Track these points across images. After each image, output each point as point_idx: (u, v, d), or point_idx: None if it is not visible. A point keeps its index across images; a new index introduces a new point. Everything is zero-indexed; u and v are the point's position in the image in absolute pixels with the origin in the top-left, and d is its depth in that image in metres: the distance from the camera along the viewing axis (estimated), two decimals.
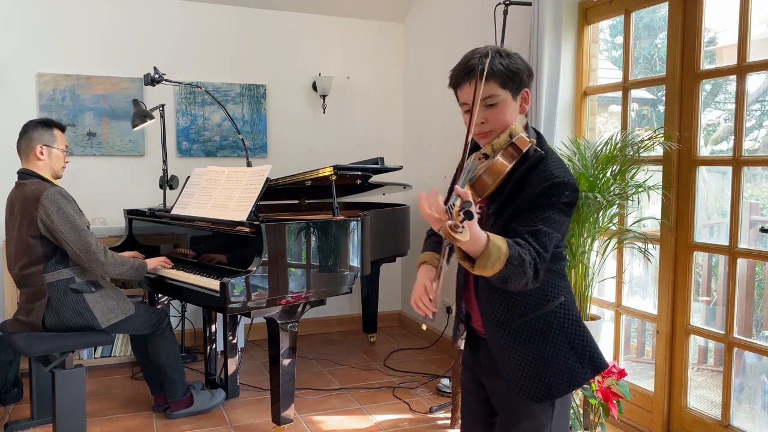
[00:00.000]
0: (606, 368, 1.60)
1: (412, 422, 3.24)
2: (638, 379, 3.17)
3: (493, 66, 1.48)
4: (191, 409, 3.26)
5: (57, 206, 2.80)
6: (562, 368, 1.54)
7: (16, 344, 2.80)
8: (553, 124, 3.18)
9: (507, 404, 1.63)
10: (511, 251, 1.34)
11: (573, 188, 1.47)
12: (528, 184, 1.46)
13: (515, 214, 1.47)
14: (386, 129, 5.06)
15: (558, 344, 1.54)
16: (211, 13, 4.49)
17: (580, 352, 1.56)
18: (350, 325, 5.01)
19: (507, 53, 1.52)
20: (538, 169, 1.48)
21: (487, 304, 1.58)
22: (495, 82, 1.49)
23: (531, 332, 1.54)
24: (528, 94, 1.56)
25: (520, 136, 1.47)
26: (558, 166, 1.49)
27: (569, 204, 1.47)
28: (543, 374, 1.53)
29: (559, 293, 1.57)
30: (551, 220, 1.44)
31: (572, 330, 1.56)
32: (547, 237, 1.43)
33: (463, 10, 4.15)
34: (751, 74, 2.58)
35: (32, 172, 2.93)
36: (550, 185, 1.44)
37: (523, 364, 1.54)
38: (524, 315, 1.54)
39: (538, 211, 1.44)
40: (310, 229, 2.96)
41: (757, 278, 3.07)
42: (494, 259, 1.32)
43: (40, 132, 2.95)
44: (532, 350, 1.54)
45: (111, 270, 2.89)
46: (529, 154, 1.49)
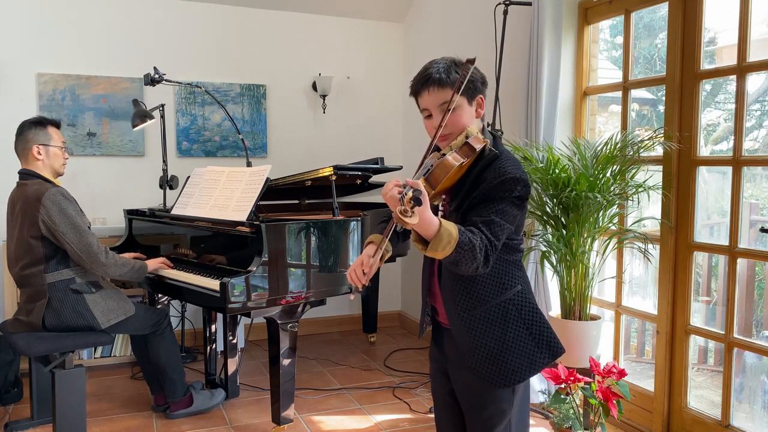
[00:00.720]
0: (563, 353, 1.71)
1: (412, 422, 3.24)
2: (638, 379, 3.17)
3: (449, 74, 1.63)
4: (191, 409, 3.26)
5: (58, 207, 2.80)
6: (522, 354, 1.66)
7: (16, 344, 2.80)
8: (553, 124, 3.18)
9: (471, 393, 1.73)
10: (461, 237, 1.47)
11: (524, 183, 1.59)
12: (483, 180, 1.59)
13: (471, 206, 1.60)
14: (386, 129, 5.06)
15: (517, 330, 1.66)
16: (211, 13, 4.49)
17: (538, 337, 1.68)
18: (350, 325, 5.01)
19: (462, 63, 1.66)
20: (492, 166, 1.61)
21: (450, 294, 1.69)
22: (451, 88, 1.61)
23: (491, 320, 1.66)
24: (483, 100, 1.69)
25: (474, 137, 1.60)
26: (511, 164, 1.61)
27: (521, 198, 1.60)
28: (504, 360, 1.64)
29: (516, 282, 1.68)
30: (504, 212, 1.57)
31: (530, 317, 1.68)
32: (499, 227, 1.55)
33: (463, 10, 4.15)
34: (751, 74, 2.58)
35: (33, 172, 2.93)
36: (503, 180, 1.57)
37: (486, 351, 1.65)
38: (484, 303, 1.65)
39: (491, 204, 1.57)
40: (310, 229, 2.96)
41: (757, 278, 3.07)
42: (445, 242, 1.45)
43: (35, 132, 2.92)
44: (493, 337, 1.65)
45: (112, 271, 2.90)
46: (484, 154, 1.63)
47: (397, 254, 4.17)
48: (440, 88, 1.63)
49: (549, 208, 2.91)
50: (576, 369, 2.67)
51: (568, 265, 2.85)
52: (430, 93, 1.64)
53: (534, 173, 2.85)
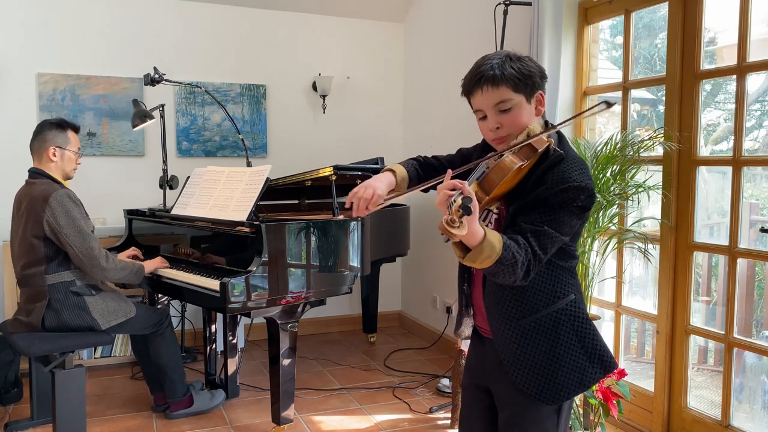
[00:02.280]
0: (615, 368, 1.58)
1: (412, 422, 3.24)
2: (638, 379, 3.17)
3: (503, 71, 1.47)
4: (191, 410, 3.26)
5: (64, 209, 2.81)
6: (572, 368, 1.52)
7: (17, 344, 2.80)
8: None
9: (513, 409, 1.59)
10: (504, 253, 1.35)
11: (589, 193, 1.45)
12: (543, 182, 1.45)
13: (524, 207, 1.46)
14: (386, 129, 5.06)
15: (569, 343, 1.52)
16: (211, 13, 4.49)
17: (591, 351, 1.54)
18: (350, 325, 5.01)
19: (518, 57, 1.51)
20: (556, 169, 1.46)
21: (495, 302, 1.55)
22: (507, 87, 1.48)
23: (540, 331, 1.51)
24: (542, 96, 1.55)
25: (536, 136, 1.46)
26: (577, 169, 1.46)
27: (583, 208, 1.46)
28: (554, 375, 1.51)
29: (570, 290, 1.55)
30: (560, 222, 1.43)
31: (582, 328, 1.54)
32: (549, 239, 1.42)
33: (463, 10, 4.15)
34: (751, 74, 2.58)
35: (43, 172, 2.95)
36: (566, 188, 1.43)
37: (533, 365, 1.51)
38: (534, 312, 1.51)
39: (547, 211, 1.43)
40: (310, 229, 2.96)
41: (757, 278, 3.07)
42: (485, 256, 1.34)
43: (54, 133, 2.95)
44: (542, 350, 1.51)
45: (111, 275, 2.91)
46: (548, 155, 1.48)
47: (397, 254, 4.17)
48: (494, 86, 1.48)
49: None
50: None
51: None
52: (484, 92, 1.49)
53: None
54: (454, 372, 3.22)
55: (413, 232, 4.35)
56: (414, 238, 4.37)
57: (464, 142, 1.87)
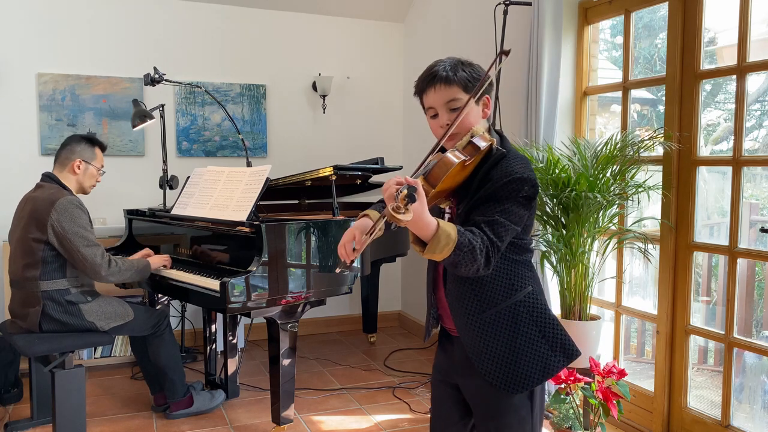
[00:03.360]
0: (578, 355, 1.64)
1: (412, 422, 3.24)
2: (638, 379, 3.17)
3: (456, 72, 1.58)
4: (191, 410, 3.26)
5: (70, 215, 2.82)
6: (535, 357, 1.59)
7: (16, 344, 2.81)
8: (553, 124, 3.18)
9: (485, 401, 1.66)
10: (460, 238, 1.42)
11: (532, 183, 1.54)
12: (490, 179, 1.55)
13: (475, 205, 1.55)
14: (386, 129, 5.06)
15: (529, 333, 1.60)
16: (211, 13, 4.49)
17: (552, 339, 1.61)
18: (350, 325, 5.01)
19: (469, 63, 1.62)
20: (499, 165, 1.56)
21: (456, 298, 1.63)
22: (458, 87, 1.57)
23: (501, 323, 1.59)
24: (489, 101, 1.65)
25: (480, 135, 1.56)
26: (519, 163, 1.56)
27: (528, 198, 1.55)
28: (517, 364, 1.58)
29: (527, 283, 1.62)
30: (509, 212, 1.52)
31: (542, 318, 1.61)
32: (503, 227, 1.50)
33: (463, 10, 4.15)
34: (751, 74, 2.58)
35: (57, 178, 2.98)
36: (510, 180, 1.52)
37: (497, 356, 1.59)
38: (493, 306, 1.59)
39: (497, 204, 1.52)
40: (310, 229, 2.96)
41: (757, 278, 3.07)
42: (443, 244, 1.40)
43: (83, 147, 3.03)
44: (504, 341, 1.59)
45: (115, 279, 2.91)
46: (492, 153, 1.58)
47: (397, 254, 4.17)
48: (447, 85, 1.58)
49: (549, 208, 2.91)
50: (576, 369, 2.67)
51: (568, 265, 2.85)
52: (437, 90, 1.59)
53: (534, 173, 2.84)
54: None
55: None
56: None
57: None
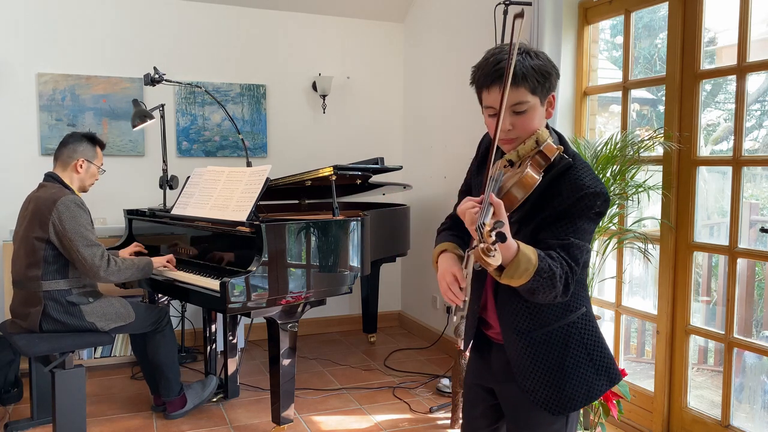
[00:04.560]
0: (620, 379, 1.58)
1: (412, 422, 3.24)
2: (638, 379, 3.17)
3: (524, 69, 1.38)
4: (187, 408, 3.26)
5: (71, 214, 2.82)
6: (581, 381, 1.52)
7: (17, 344, 2.81)
8: (553, 124, 3.16)
9: (520, 413, 1.59)
10: (541, 263, 1.31)
11: (605, 198, 1.42)
12: (558, 193, 1.41)
13: (545, 223, 1.42)
14: (386, 129, 5.06)
15: (578, 356, 1.52)
16: (211, 13, 4.49)
17: (598, 363, 1.53)
18: (350, 325, 5.01)
19: (535, 53, 1.43)
20: (567, 177, 1.42)
21: (508, 313, 1.53)
22: (526, 88, 1.40)
23: (551, 343, 1.51)
24: (554, 98, 1.49)
25: (548, 144, 1.41)
26: (588, 174, 1.42)
27: (600, 213, 1.43)
28: (562, 387, 1.50)
29: (582, 303, 1.54)
30: (582, 230, 1.40)
31: (591, 342, 1.54)
32: (578, 250, 1.39)
33: (463, 10, 4.15)
34: (751, 74, 2.58)
35: (59, 178, 2.99)
36: (583, 196, 1.39)
37: (543, 376, 1.51)
38: (546, 325, 1.50)
39: (569, 223, 1.40)
40: (310, 229, 2.96)
41: (757, 278, 3.07)
42: (523, 269, 1.29)
43: (85, 146, 3.04)
44: (552, 362, 1.51)
45: (113, 279, 2.91)
46: (555, 161, 1.43)
47: (397, 254, 4.17)
48: (514, 86, 1.38)
49: None
50: None
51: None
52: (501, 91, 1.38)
53: None
54: (454, 372, 3.22)
55: (413, 232, 4.35)
56: (414, 238, 4.37)
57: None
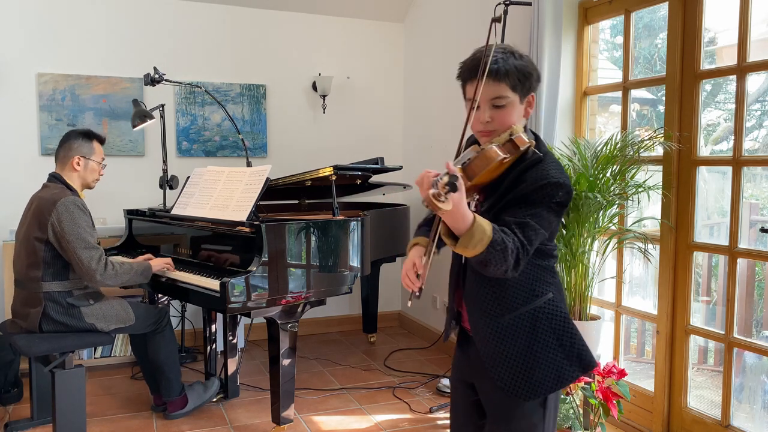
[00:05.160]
0: (594, 367, 1.60)
1: (412, 422, 3.24)
2: (638, 379, 3.17)
3: (506, 66, 1.48)
4: (188, 408, 3.26)
5: (70, 215, 2.81)
6: (550, 366, 1.54)
7: (17, 344, 2.81)
8: (553, 124, 3.18)
9: (497, 404, 1.62)
10: (495, 236, 1.37)
11: (567, 190, 1.49)
12: (523, 182, 1.49)
13: (506, 206, 1.50)
14: (386, 129, 5.06)
15: (546, 341, 1.55)
16: (211, 13, 4.49)
17: (569, 349, 1.56)
18: (350, 325, 5.01)
19: (519, 54, 1.52)
20: (535, 168, 1.50)
21: (475, 299, 1.58)
22: (506, 84, 1.50)
23: (519, 328, 1.55)
24: (534, 99, 1.57)
25: (519, 135, 1.50)
26: (555, 168, 1.51)
27: (561, 204, 1.50)
28: (531, 372, 1.54)
29: (548, 289, 1.58)
30: (540, 216, 1.47)
31: (560, 327, 1.57)
32: (533, 231, 1.45)
33: (463, 10, 4.15)
34: (751, 74, 2.58)
35: (61, 178, 2.99)
36: (545, 184, 1.47)
37: (511, 362, 1.54)
38: (513, 310, 1.54)
39: (529, 207, 1.47)
40: (310, 229, 2.96)
41: (757, 278, 3.07)
42: (477, 239, 1.35)
43: (80, 143, 3.02)
44: (520, 347, 1.54)
45: (110, 283, 2.88)
46: (527, 155, 1.52)
47: (397, 254, 4.17)
48: (495, 81, 1.49)
49: None
50: None
51: (568, 265, 2.85)
52: (484, 84, 1.48)
53: None
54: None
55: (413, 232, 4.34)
56: None
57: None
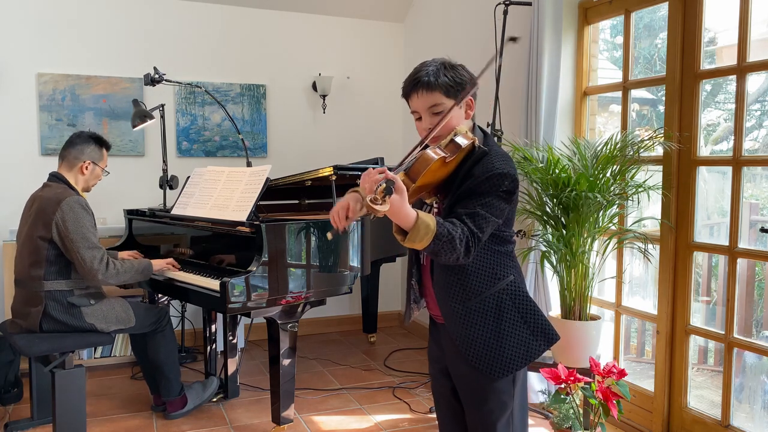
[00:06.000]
0: (557, 339, 1.74)
1: (412, 422, 3.24)
2: (638, 379, 3.17)
3: (438, 78, 1.65)
4: (188, 408, 3.26)
5: (75, 214, 2.82)
6: (517, 342, 1.69)
7: (17, 344, 2.81)
8: (553, 124, 3.18)
9: (470, 386, 1.76)
10: (439, 229, 1.50)
11: (512, 178, 1.62)
12: (472, 176, 1.63)
13: (458, 200, 1.63)
14: (386, 129, 5.06)
15: (512, 320, 1.69)
16: (211, 13, 4.49)
17: (533, 325, 1.71)
18: (350, 325, 5.01)
19: (452, 65, 1.69)
20: (481, 162, 1.64)
21: (443, 288, 1.71)
22: (440, 92, 1.65)
23: (486, 310, 1.69)
24: (472, 102, 1.72)
25: (462, 135, 1.64)
26: (500, 160, 1.64)
27: (509, 192, 1.63)
28: (501, 350, 1.68)
29: (509, 272, 1.72)
30: (490, 205, 1.60)
31: (523, 306, 1.71)
32: (483, 219, 1.59)
33: (463, 10, 4.15)
34: (751, 74, 2.58)
35: (64, 178, 2.99)
36: (491, 175, 1.60)
37: (482, 342, 1.68)
38: (478, 294, 1.68)
39: (478, 198, 1.60)
40: (310, 229, 2.96)
41: (757, 278, 3.07)
42: (422, 234, 1.49)
43: (93, 148, 3.06)
44: (489, 327, 1.68)
45: (112, 282, 2.90)
46: (474, 151, 1.66)
47: (397, 254, 4.17)
48: (429, 91, 1.65)
49: (549, 208, 2.91)
50: (576, 369, 2.67)
51: (568, 265, 2.85)
52: (419, 96, 1.67)
53: (534, 173, 2.85)
54: None
55: None
56: None
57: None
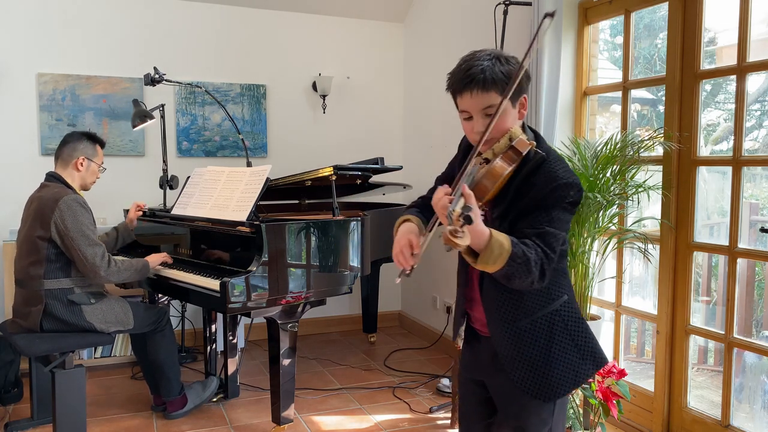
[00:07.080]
0: (606, 362, 1.64)
1: (412, 422, 3.24)
2: (638, 379, 3.17)
3: (494, 74, 1.46)
4: (187, 408, 3.26)
5: (73, 213, 2.83)
6: (566, 367, 1.57)
7: (17, 344, 2.81)
8: (553, 124, 3.18)
9: (511, 402, 1.64)
10: (514, 249, 1.37)
11: (578, 188, 1.49)
12: (533, 186, 1.48)
13: (521, 215, 1.49)
14: (386, 129, 5.06)
15: (562, 343, 1.57)
16: (211, 13, 4.49)
17: (583, 349, 1.59)
18: (350, 325, 5.01)
19: (506, 58, 1.51)
20: (541, 170, 1.49)
21: (493, 304, 1.59)
22: (495, 92, 1.47)
23: (537, 331, 1.56)
24: (526, 100, 1.56)
25: (520, 139, 1.49)
26: (561, 167, 1.50)
27: (574, 203, 1.49)
28: (549, 373, 1.56)
29: (563, 292, 1.59)
30: (557, 220, 1.46)
31: (575, 328, 1.59)
32: (554, 238, 1.45)
33: (463, 10, 4.15)
34: (751, 74, 2.58)
35: (60, 177, 3.01)
36: (556, 186, 1.46)
37: (530, 364, 1.57)
38: (530, 314, 1.56)
39: (543, 212, 1.46)
40: (310, 229, 2.96)
41: (757, 278, 3.07)
42: (496, 255, 1.35)
43: (85, 144, 3.07)
44: (538, 350, 1.56)
45: (113, 279, 2.92)
46: (530, 156, 1.50)
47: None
48: (484, 91, 1.47)
49: None
50: None
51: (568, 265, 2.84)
52: (473, 96, 1.48)
53: None
54: (454, 372, 3.22)
55: None
56: None
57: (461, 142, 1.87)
